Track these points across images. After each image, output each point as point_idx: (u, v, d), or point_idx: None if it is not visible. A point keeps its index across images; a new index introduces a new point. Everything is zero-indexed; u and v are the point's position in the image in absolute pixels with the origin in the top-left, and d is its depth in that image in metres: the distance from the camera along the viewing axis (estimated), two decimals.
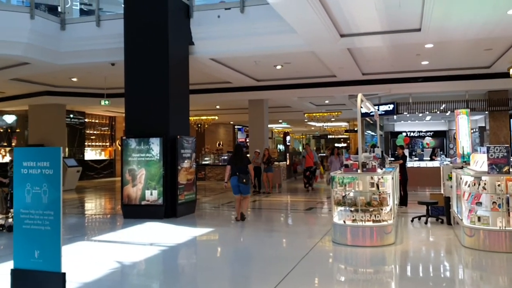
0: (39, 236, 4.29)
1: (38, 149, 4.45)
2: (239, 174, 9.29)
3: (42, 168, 4.34)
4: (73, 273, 5.24)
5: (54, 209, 4.27)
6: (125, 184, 10.14)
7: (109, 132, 25.16)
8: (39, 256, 4.29)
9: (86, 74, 14.28)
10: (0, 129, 21.41)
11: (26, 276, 4.29)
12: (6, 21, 10.77)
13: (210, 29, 11.08)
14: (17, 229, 4.39)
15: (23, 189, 4.40)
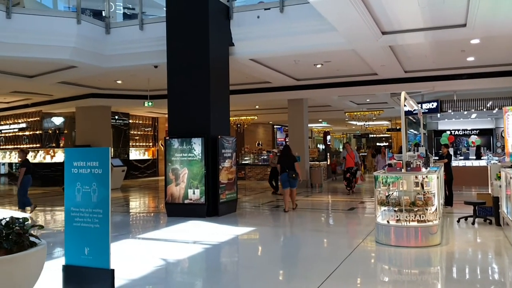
0: (88, 233, 4.44)
1: (87, 150, 4.62)
2: (288, 170, 10.75)
3: (92, 167, 4.49)
4: (120, 270, 5.39)
5: (103, 208, 4.42)
6: (169, 183, 10.36)
7: (152, 133, 25.75)
8: (89, 253, 4.44)
9: (130, 77, 14.65)
10: (49, 130, 22.30)
11: (77, 272, 4.45)
12: (54, 26, 11.22)
13: (250, 29, 11.16)
14: (68, 227, 4.56)
15: (73, 188, 4.56)
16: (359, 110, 24.51)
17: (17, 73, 13.85)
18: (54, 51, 11.33)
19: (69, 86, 16.16)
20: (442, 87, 16.09)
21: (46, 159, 20.90)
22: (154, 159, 25.38)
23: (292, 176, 10.72)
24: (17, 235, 3.64)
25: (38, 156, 21.34)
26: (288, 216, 10.53)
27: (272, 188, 15.18)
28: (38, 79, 14.47)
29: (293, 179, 10.79)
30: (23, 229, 3.76)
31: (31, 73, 14.07)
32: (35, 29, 10.89)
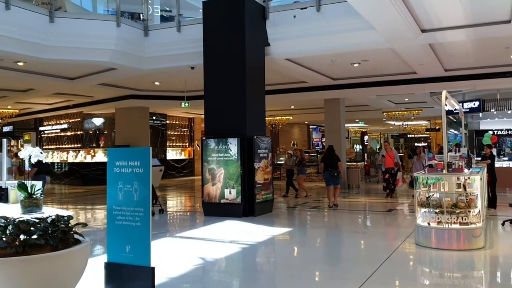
0: (130, 231, 4.51)
1: (129, 150, 4.71)
2: (330, 169, 11.56)
3: (133, 167, 4.57)
4: (160, 268, 5.48)
5: (144, 206, 4.48)
6: (205, 183, 10.47)
7: (188, 133, 26.10)
8: (130, 250, 4.51)
9: (168, 78, 14.88)
10: (89, 131, 22.93)
11: (118, 270, 4.53)
12: (94, 29, 11.51)
13: (286, 29, 11.13)
14: (110, 225, 4.65)
15: (115, 187, 4.65)
16: (397, 109, 24.04)
17: (59, 75, 14.30)
18: (94, 54, 11.64)
19: (109, 88, 16.56)
20: (484, 86, 15.59)
21: (87, 159, 21.51)
22: (190, 159, 25.72)
23: (334, 175, 11.51)
24: (62, 233, 3.73)
25: (79, 156, 21.98)
26: (325, 217, 10.46)
27: (294, 190, 14.70)
28: (79, 81, 14.91)
29: (335, 177, 11.56)
30: (67, 226, 3.86)
31: (73, 75, 14.50)
32: (77, 33, 11.21)
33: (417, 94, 18.51)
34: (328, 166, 11.67)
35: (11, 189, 5.75)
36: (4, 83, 15.43)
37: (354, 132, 38.84)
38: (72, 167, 21.84)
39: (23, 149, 5.24)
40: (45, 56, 11.16)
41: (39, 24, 10.70)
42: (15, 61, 11.70)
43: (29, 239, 3.49)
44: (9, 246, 3.44)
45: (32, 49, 10.78)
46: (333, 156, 11.86)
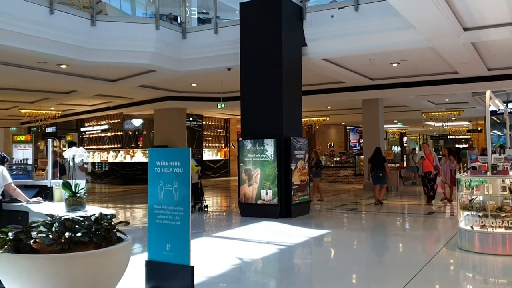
0: (170, 230, 4.57)
1: (169, 150, 4.79)
2: (376, 170, 12.26)
3: (173, 167, 4.63)
4: (199, 267, 5.53)
5: (184, 206, 4.53)
6: (242, 183, 10.50)
7: (224, 134, 26.30)
8: (170, 249, 4.57)
9: (204, 79, 15.03)
10: (129, 131, 23.46)
11: (159, 268, 4.60)
12: (134, 32, 11.75)
13: (323, 29, 11.04)
14: (151, 223, 4.73)
15: (156, 186, 4.72)
16: (438, 110, 23.44)
17: (100, 78, 14.68)
18: (134, 56, 11.88)
19: (148, 90, 16.88)
20: None
21: (126, 159, 22.02)
22: (226, 159, 25.90)
23: (379, 175, 12.25)
24: (106, 231, 3.82)
25: (119, 156, 22.52)
26: (363, 219, 10.31)
27: None
28: (119, 83, 15.26)
29: (380, 177, 12.30)
30: (110, 224, 3.95)
31: (113, 77, 14.86)
32: (117, 36, 11.46)
33: (458, 94, 18.00)
34: (375, 167, 12.40)
35: (56, 188, 5.94)
36: (48, 85, 15.96)
37: (392, 133, 38.13)
38: (112, 167, 22.41)
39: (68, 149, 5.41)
40: (86, 59, 11.46)
41: (81, 28, 11.01)
42: (58, 63, 12.08)
43: (74, 237, 3.59)
44: (55, 243, 3.54)
45: (75, 52, 11.09)
46: (379, 157, 12.57)
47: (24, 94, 17.58)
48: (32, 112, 21.93)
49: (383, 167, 12.33)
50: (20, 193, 5.65)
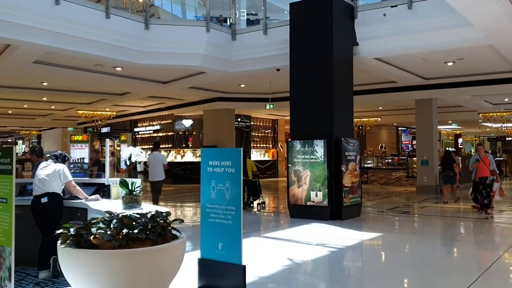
0: (222, 229, 4.61)
1: (221, 150, 4.85)
2: (447, 170, 13.38)
3: (225, 167, 4.67)
4: (250, 266, 5.56)
5: (236, 205, 4.56)
6: (291, 184, 10.46)
7: (272, 134, 26.31)
8: (222, 248, 4.62)
9: (253, 80, 15.10)
10: (179, 132, 23.95)
11: (211, 266, 4.65)
12: (185, 35, 11.95)
13: (375, 28, 10.81)
14: (203, 222, 4.79)
15: (208, 186, 4.78)
16: (495, 110, 22.39)
17: (153, 80, 15.06)
18: (186, 59, 12.10)
19: (198, 91, 17.16)
20: None
21: (177, 159, 22.48)
22: (274, 160, 25.91)
23: (449, 175, 13.30)
24: (162, 228, 3.91)
25: (170, 155, 23.04)
26: (415, 222, 10.00)
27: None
28: (171, 85, 15.60)
29: (450, 177, 13.34)
30: (166, 222, 4.04)
31: (165, 79, 15.20)
32: (169, 38, 11.71)
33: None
34: (445, 168, 13.48)
35: (113, 186, 6.15)
36: (103, 87, 16.57)
37: (446, 135, 36.82)
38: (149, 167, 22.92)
39: (125, 148, 5.58)
40: (140, 62, 11.78)
41: (135, 31, 11.33)
42: (114, 66, 12.50)
43: (132, 233, 3.69)
44: (114, 239, 3.66)
45: (129, 55, 11.43)
46: (449, 159, 13.56)
47: (81, 95, 18.32)
48: (89, 113, 22.82)
49: (452, 168, 13.27)
50: (80, 191, 5.88)
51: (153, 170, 11.54)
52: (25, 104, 21.25)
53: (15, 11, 8.90)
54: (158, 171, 11.48)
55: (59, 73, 13.04)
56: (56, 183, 5.64)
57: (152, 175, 11.57)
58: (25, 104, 21.41)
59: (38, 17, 9.33)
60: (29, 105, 21.72)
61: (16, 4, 8.93)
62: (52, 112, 24.71)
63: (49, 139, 37.05)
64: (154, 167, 11.52)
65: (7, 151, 3.78)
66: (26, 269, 5.70)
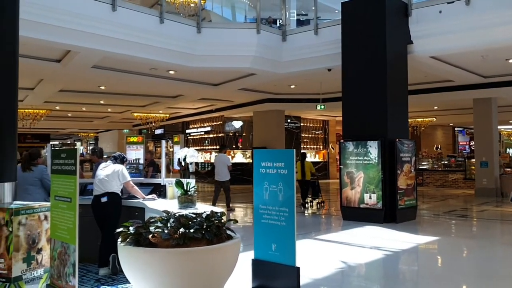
0: (275, 230, 4.61)
1: (274, 151, 4.85)
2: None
3: (278, 168, 4.67)
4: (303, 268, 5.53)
5: (289, 206, 4.54)
6: (344, 186, 10.31)
7: (323, 136, 26.06)
8: (276, 249, 4.61)
9: (303, 81, 15.03)
10: (229, 133, 24.23)
11: (265, 267, 4.66)
12: (236, 37, 12.08)
13: (431, 26, 10.47)
14: (256, 223, 4.81)
15: (261, 187, 4.79)
16: None
17: (205, 82, 15.31)
18: (237, 61, 12.22)
19: (248, 92, 17.28)
20: None
21: None
22: (324, 161, 25.64)
23: None
24: (217, 228, 3.96)
25: None
26: (474, 226, 9.59)
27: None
28: (221, 87, 15.80)
29: None
30: (220, 222, 4.09)
31: (216, 82, 15.41)
32: (221, 41, 11.87)
33: None
34: None
35: (169, 186, 6.30)
36: (157, 90, 17.03)
37: (507, 135, 35.10)
38: (214, 167, 23.22)
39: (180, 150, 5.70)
40: (193, 65, 12.01)
41: (188, 35, 11.57)
42: (167, 70, 12.82)
43: (188, 232, 3.77)
44: (171, 238, 3.75)
45: (182, 59, 11.69)
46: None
47: (136, 98, 18.94)
48: (143, 115, 23.55)
49: None
50: (137, 191, 6.07)
51: (218, 171, 12.30)
52: (84, 107, 22.20)
53: (75, 19, 9.34)
54: (223, 171, 12.19)
55: (115, 77, 13.53)
56: (115, 183, 5.84)
57: (217, 175, 12.34)
58: (83, 107, 22.37)
59: (96, 24, 9.74)
60: (87, 108, 22.68)
61: (77, 11, 9.36)
62: (109, 114, 25.67)
63: (106, 140, 38.53)
64: (219, 168, 12.31)
65: (71, 153, 3.96)
66: (87, 266, 5.94)
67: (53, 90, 16.20)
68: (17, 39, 4.71)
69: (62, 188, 3.97)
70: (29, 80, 14.03)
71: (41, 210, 4.19)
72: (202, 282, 3.71)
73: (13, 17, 4.66)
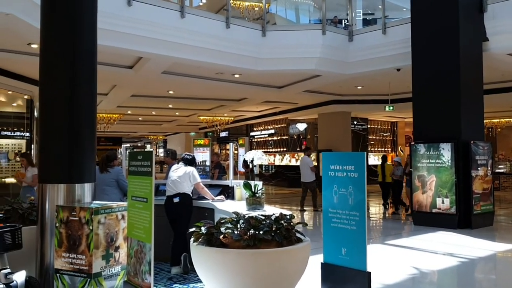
0: (345, 234, 4.52)
1: (344, 154, 4.76)
2: None
3: (348, 171, 4.59)
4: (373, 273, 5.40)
5: (359, 210, 4.45)
6: (415, 190, 9.96)
7: (391, 138, 25.33)
8: (346, 253, 4.54)
9: (370, 81, 14.70)
10: (294, 135, 24.18)
11: (334, 271, 4.58)
12: (301, 39, 12.06)
13: (508, 21, 9.88)
14: (326, 227, 4.75)
15: (330, 190, 4.72)
16: None
17: (269, 85, 15.39)
18: (301, 63, 12.18)
19: (312, 94, 17.15)
20: None
21: (292, 162, 22.72)
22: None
23: None
24: (286, 230, 3.97)
25: (285, 159, 23.37)
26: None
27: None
28: (286, 89, 15.81)
29: None
30: (290, 224, 4.09)
31: (280, 84, 15.45)
32: (285, 44, 11.91)
33: None
34: None
35: (237, 187, 6.39)
36: (222, 94, 17.35)
37: None
38: (279, 170, 23.33)
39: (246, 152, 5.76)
40: (258, 68, 12.13)
41: (253, 39, 11.71)
42: (233, 73, 13.03)
43: (258, 234, 3.80)
44: (242, 239, 3.79)
45: (247, 62, 11.85)
46: None
47: (203, 102, 19.41)
48: (209, 119, 24.10)
49: None
50: (207, 192, 6.21)
51: (303, 172, 13.03)
52: (153, 111, 23.10)
53: (147, 26, 9.76)
54: (307, 173, 12.81)
55: (183, 82, 13.95)
56: (186, 184, 6.01)
57: (303, 177, 13.06)
58: (153, 111, 23.27)
59: (167, 31, 10.12)
60: (156, 112, 23.58)
61: (148, 19, 9.78)
62: (177, 118, 26.52)
63: (173, 143, 39.81)
64: (303, 170, 12.99)
65: (147, 155, 4.12)
66: (160, 264, 6.14)
67: (125, 95, 16.98)
68: (95, 48, 4.98)
69: (138, 189, 4.14)
70: (104, 85, 14.79)
71: (118, 209, 4.39)
72: (272, 284, 3.73)
73: (92, 27, 4.93)
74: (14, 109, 13.63)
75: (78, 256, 4.13)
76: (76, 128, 4.66)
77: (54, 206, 4.42)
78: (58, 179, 4.60)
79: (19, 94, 13.23)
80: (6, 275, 4.07)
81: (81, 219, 4.16)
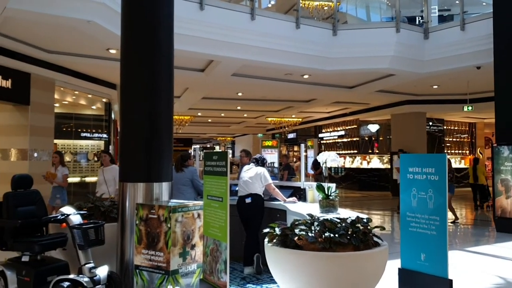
0: (425, 240, 4.35)
1: (423, 156, 4.57)
2: None
3: (428, 174, 4.40)
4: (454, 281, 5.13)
5: (440, 215, 4.26)
6: (498, 195, 9.36)
7: (469, 140, 24.03)
8: (425, 259, 4.35)
9: (448, 80, 14.01)
10: (365, 137, 23.61)
11: (413, 277, 4.42)
12: (373, 37, 11.69)
13: None
14: (403, 231, 4.58)
15: (409, 193, 4.56)
16: None
17: (339, 85, 15.13)
18: (374, 61, 11.84)
19: (385, 94, 16.64)
20: None
21: (363, 165, 22.20)
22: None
23: None
24: (363, 234, 3.85)
25: (355, 161, 22.88)
26: None
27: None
28: (357, 89, 15.46)
29: None
30: (367, 228, 3.97)
31: (351, 84, 15.14)
32: (356, 43, 11.62)
33: None
34: None
35: (309, 189, 6.32)
36: (291, 95, 17.29)
37: None
38: (349, 172, 22.89)
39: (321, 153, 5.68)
40: (327, 68, 11.95)
41: (323, 38, 11.55)
42: (302, 74, 12.93)
43: (334, 237, 3.72)
44: (317, 242, 3.73)
45: (317, 62, 11.70)
46: None
47: (271, 103, 19.47)
48: (277, 120, 24.14)
49: None
50: (279, 193, 6.20)
51: None
52: (222, 113, 23.53)
53: (218, 30, 9.94)
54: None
55: (252, 83, 14.07)
56: (257, 185, 6.04)
57: None
58: (222, 113, 23.71)
59: (237, 34, 10.25)
60: (225, 114, 24.00)
61: (218, 22, 9.95)
62: (245, 119, 26.84)
63: (241, 144, 40.37)
64: None
65: (222, 155, 4.18)
66: (233, 264, 6.20)
67: (197, 98, 17.42)
68: (172, 53, 5.11)
69: (214, 188, 4.21)
70: (177, 88, 15.19)
71: (194, 208, 4.48)
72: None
73: (169, 33, 5.06)
74: (93, 112, 14.40)
75: (157, 253, 4.26)
76: (155, 130, 4.81)
77: (134, 204, 4.59)
78: (138, 178, 4.78)
79: (98, 97, 13.93)
80: (90, 269, 4.29)
81: (159, 217, 4.28)
